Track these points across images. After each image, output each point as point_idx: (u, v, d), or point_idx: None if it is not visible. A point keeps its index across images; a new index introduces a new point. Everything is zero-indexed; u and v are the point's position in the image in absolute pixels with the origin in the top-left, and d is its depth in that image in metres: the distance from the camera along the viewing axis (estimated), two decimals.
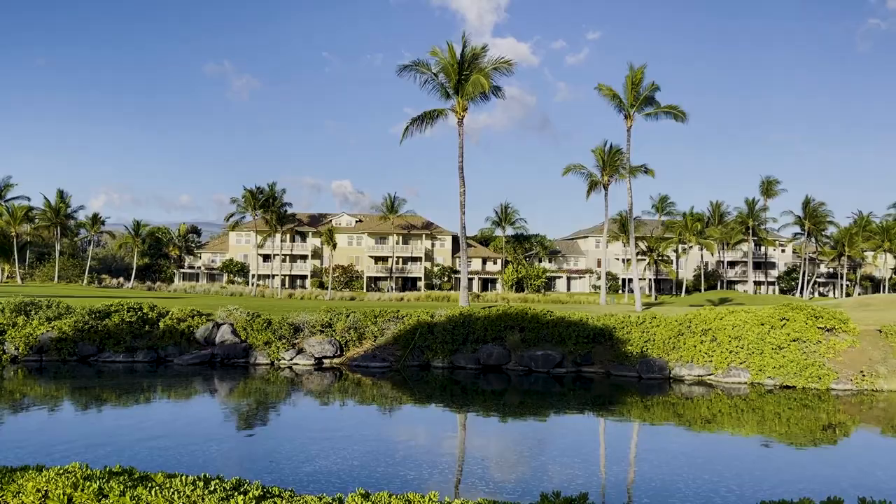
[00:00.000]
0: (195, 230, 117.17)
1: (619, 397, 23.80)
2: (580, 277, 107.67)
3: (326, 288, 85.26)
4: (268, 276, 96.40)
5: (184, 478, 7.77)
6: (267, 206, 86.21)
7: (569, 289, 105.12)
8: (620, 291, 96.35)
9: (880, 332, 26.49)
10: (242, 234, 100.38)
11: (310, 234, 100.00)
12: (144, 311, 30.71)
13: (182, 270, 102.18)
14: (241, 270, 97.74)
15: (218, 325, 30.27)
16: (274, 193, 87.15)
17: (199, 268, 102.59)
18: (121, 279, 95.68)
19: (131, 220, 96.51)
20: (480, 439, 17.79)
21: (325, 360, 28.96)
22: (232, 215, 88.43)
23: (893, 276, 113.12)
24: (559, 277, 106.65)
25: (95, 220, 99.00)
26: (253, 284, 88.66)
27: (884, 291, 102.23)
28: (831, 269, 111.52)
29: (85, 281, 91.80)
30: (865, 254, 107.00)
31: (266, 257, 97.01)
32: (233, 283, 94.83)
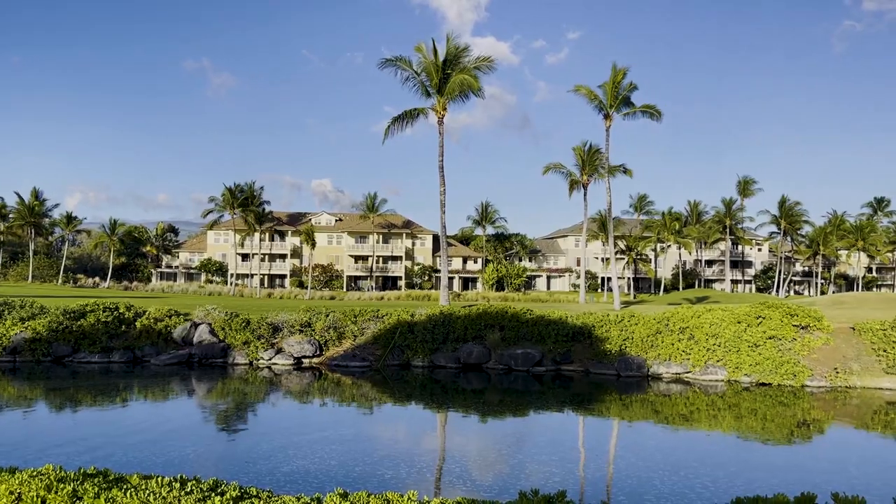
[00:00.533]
0: (173, 229, 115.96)
1: (598, 395, 23.94)
2: (560, 276, 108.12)
3: (306, 287, 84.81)
4: (247, 276, 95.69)
5: (160, 479, 7.69)
6: (246, 204, 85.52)
7: (549, 287, 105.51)
8: (600, 290, 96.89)
9: (853, 329, 26.89)
10: (221, 233, 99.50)
11: (289, 233, 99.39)
12: (121, 310, 30.35)
13: (159, 270, 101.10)
14: (220, 270, 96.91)
15: (196, 325, 30.01)
16: (253, 192, 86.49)
17: (176, 267, 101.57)
18: (97, 279, 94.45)
19: (107, 218, 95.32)
20: (460, 438, 17.81)
21: (304, 360, 28.81)
22: (210, 212, 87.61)
23: (866, 274, 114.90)
24: (539, 276, 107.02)
25: (70, 218, 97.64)
26: (231, 284, 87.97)
27: (857, 290, 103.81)
28: (807, 268, 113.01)
29: (60, 281, 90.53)
30: (840, 252, 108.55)
31: (245, 256, 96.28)
32: (211, 282, 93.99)
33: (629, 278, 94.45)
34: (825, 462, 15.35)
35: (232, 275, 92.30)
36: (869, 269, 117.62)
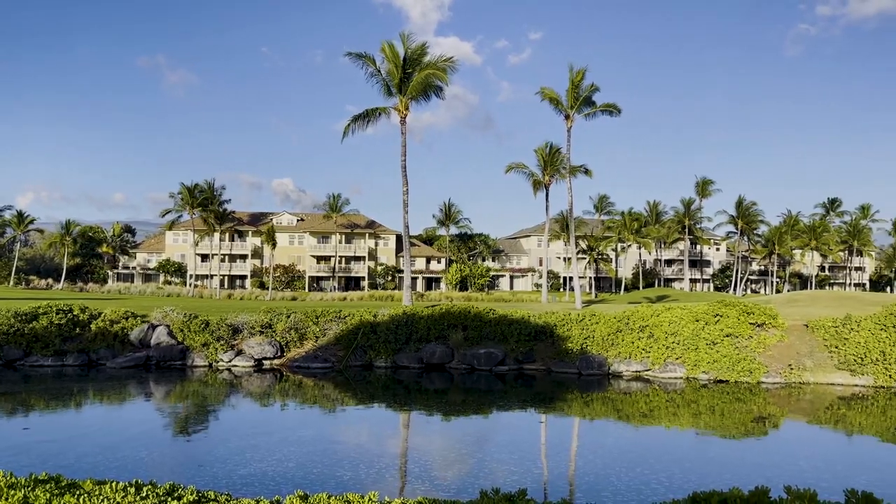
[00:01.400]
0: (130, 229, 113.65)
1: (560, 394, 24.14)
2: (523, 276, 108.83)
3: (267, 288, 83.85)
4: (206, 277, 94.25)
5: (114, 484, 7.50)
6: (205, 204, 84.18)
7: (512, 287, 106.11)
8: (562, 289, 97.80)
9: (807, 326, 27.58)
10: (180, 234, 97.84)
11: (250, 233, 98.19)
12: (75, 312, 29.60)
13: (116, 271, 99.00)
14: (179, 270, 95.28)
15: (153, 327, 29.43)
16: (213, 191, 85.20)
17: (134, 268, 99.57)
18: (50, 280, 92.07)
19: (62, 218, 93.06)
20: (422, 438, 17.78)
21: (265, 362, 28.47)
22: (167, 212, 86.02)
23: (819, 273, 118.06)
24: (502, 276, 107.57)
25: (22, 218, 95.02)
26: (190, 285, 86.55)
27: (810, 288, 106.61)
28: (763, 267, 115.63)
29: (11, 282, 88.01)
30: (794, 252, 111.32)
31: (204, 257, 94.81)
32: (169, 283, 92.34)
33: (591, 278, 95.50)
34: (778, 456, 15.70)
35: (191, 276, 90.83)
36: (822, 268, 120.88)
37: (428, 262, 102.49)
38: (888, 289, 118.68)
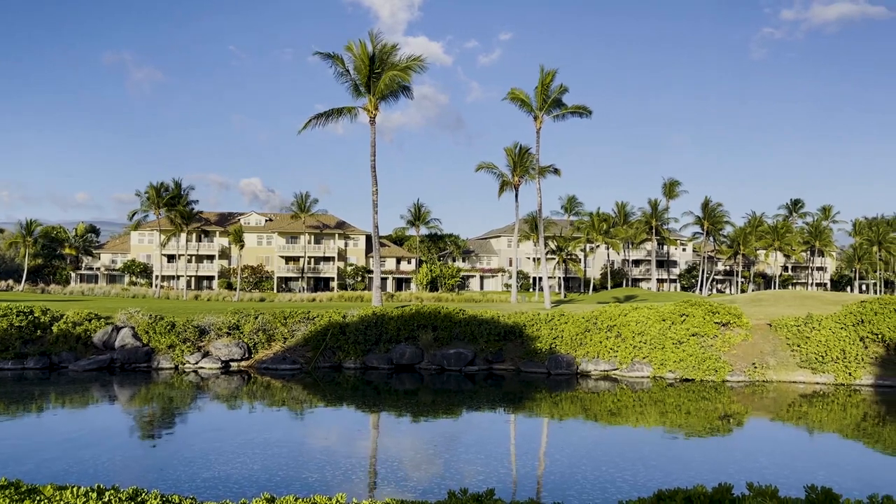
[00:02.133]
0: (94, 230, 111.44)
1: (529, 393, 24.26)
2: (493, 276, 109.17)
3: (235, 289, 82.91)
4: (173, 277, 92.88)
5: (75, 489, 7.35)
6: (172, 204, 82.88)
7: (482, 287, 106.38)
8: (532, 290, 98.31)
9: (770, 325, 28.10)
10: (145, 234, 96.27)
11: (217, 233, 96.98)
12: (36, 314, 28.96)
13: (80, 272, 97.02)
14: (144, 271, 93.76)
15: (118, 329, 28.92)
16: (180, 191, 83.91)
17: (98, 269, 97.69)
18: (10, 281, 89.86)
19: (22, 218, 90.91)
20: (391, 439, 17.74)
21: (232, 364, 28.15)
22: (134, 213, 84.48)
23: (783, 272, 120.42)
24: (473, 276, 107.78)
25: None
26: (156, 286, 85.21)
27: (774, 288, 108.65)
28: (728, 267, 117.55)
29: None
30: (758, 252, 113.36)
31: (171, 258, 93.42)
32: (135, 284, 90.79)
33: (560, 278, 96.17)
34: (741, 454, 15.98)
35: (157, 276, 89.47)
36: (785, 268, 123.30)
37: (398, 262, 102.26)
38: (848, 288, 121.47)
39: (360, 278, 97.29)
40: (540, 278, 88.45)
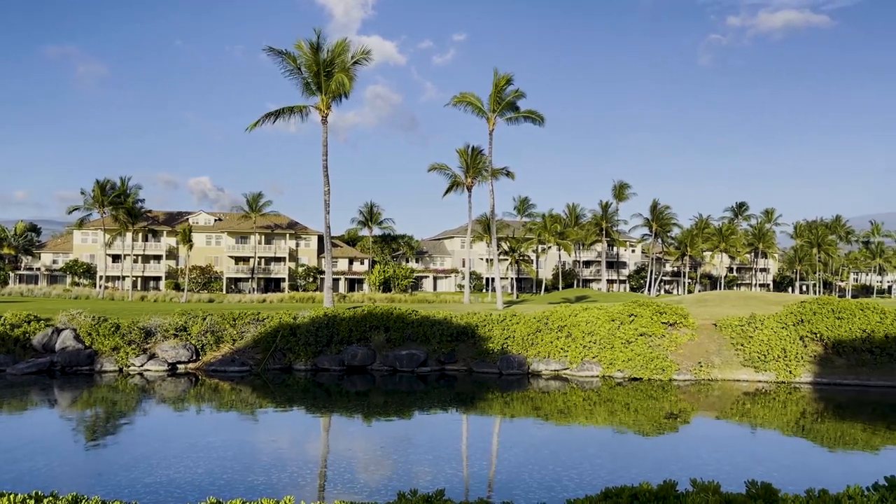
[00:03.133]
0: (34, 228, 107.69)
1: (480, 393, 24.36)
2: (446, 277, 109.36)
3: (182, 290, 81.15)
4: (118, 278, 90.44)
5: (12, 496, 7.10)
6: (118, 202, 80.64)
7: (435, 288, 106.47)
8: (485, 290, 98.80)
9: (715, 325, 28.81)
10: (89, 233, 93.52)
11: (165, 232, 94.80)
12: None
13: (18, 272, 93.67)
14: (88, 272, 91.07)
15: (59, 331, 28.00)
16: (126, 188, 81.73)
17: (38, 269, 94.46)
18: None
19: None
20: (341, 442, 17.59)
21: (179, 366, 27.54)
22: (76, 209, 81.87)
23: (728, 274, 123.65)
24: (426, 277, 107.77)
25: None
26: (101, 287, 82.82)
27: (720, 288, 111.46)
28: (676, 268, 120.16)
29: None
30: (704, 254, 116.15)
31: (116, 258, 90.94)
32: (78, 285, 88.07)
33: (512, 279, 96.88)
34: (685, 451, 16.35)
35: (101, 277, 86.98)
36: (730, 269, 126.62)
37: (351, 263, 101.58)
38: (790, 289, 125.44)
39: (311, 279, 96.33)
40: (493, 279, 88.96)
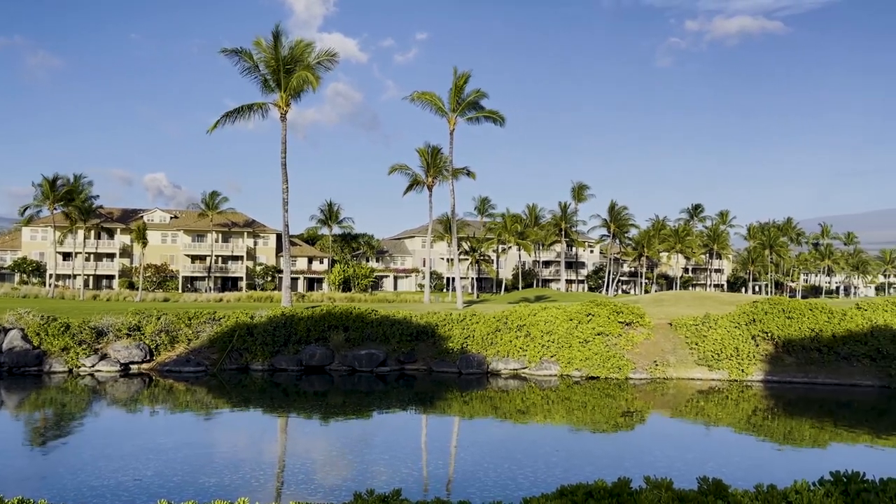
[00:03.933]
0: None
1: (440, 393, 24.37)
2: (407, 276, 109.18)
3: (137, 288, 79.41)
4: (69, 276, 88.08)
5: None
6: (69, 198, 78.40)
7: (396, 288, 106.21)
8: (445, 290, 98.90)
9: (671, 325, 29.32)
10: (39, 230, 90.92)
11: (119, 230, 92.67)
12: None
13: None
14: (37, 270, 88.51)
15: (5, 331, 27.14)
16: (78, 184, 79.48)
17: None
18: None
19: None
20: (298, 442, 17.41)
21: (132, 366, 26.93)
22: (27, 208, 79.45)
23: (683, 274, 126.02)
24: (386, 277, 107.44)
25: None
26: (51, 285, 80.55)
27: (675, 288, 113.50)
28: (633, 269, 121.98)
29: None
30: (661, 254, 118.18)
31: (67, 255, 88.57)
32: (26, 283, 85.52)
33: (473, 278, 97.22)
34: (638, 448, 16.60)
35: (51, 275, 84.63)
36: (686, 270, 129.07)
37: (310, 262, 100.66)
38: (743, 289, 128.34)
39: (270, 278, 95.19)
40: (453, 279, 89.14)
